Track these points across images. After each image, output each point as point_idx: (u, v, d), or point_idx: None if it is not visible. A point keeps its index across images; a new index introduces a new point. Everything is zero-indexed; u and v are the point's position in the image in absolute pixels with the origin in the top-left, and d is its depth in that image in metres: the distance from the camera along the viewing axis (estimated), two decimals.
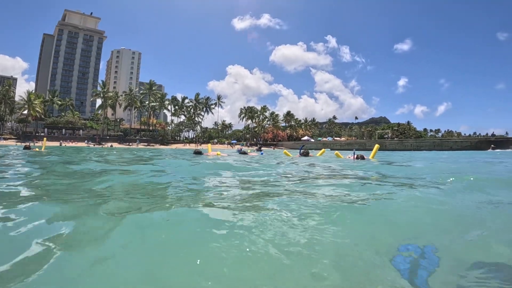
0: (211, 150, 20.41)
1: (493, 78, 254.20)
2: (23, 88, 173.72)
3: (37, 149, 18.50)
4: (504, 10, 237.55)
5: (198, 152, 18.82)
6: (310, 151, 19.86)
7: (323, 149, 19.47)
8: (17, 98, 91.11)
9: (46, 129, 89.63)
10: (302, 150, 18.30)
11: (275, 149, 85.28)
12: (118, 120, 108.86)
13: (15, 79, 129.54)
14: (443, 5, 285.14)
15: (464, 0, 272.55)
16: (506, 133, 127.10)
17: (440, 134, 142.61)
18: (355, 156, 14.45)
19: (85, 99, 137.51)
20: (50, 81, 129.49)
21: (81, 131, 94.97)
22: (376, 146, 16.32)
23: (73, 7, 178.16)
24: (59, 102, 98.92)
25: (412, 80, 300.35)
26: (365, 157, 14.61)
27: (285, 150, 20.21)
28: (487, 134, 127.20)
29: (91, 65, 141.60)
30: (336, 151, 18.48)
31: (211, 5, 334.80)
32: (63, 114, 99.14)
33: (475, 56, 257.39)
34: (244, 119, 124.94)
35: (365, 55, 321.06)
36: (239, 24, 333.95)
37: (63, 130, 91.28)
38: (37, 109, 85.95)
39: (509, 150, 51.71)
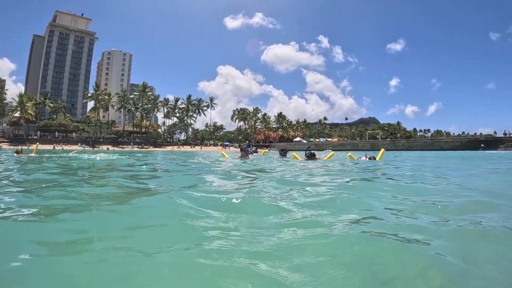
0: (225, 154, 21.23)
1: (484, 77, 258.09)
2: (11, 89, 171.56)
3: (15, 154, 18.78)
4: (496, 10, 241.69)
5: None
6: (318, 152, 20.28)
7: (332, 152, 19.87)
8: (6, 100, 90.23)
9: (38, 132, 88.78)
10: (307, 152, 17.36)
11: (270, 150, 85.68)
12: (110, 122, 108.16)
13: (4, 81, 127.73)
14: (437, 5, 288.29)
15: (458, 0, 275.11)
16: (495, 132, 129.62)
17: (429, 134, 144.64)
18: (368, 157, 15.55)
19: (76, 101, 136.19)
20: (40, 83, 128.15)
21: (74, 133, 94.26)
22: (382, 150, 17.84)
23: (63, 7, 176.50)
24: (51, 105, 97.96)
25: (404, 80, 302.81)
26: (375, 157, 16.08)
27: (293, 153, 20.56)
28: (475, 133, 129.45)
29: (82, 67, 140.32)
30: (349, 153, 19.23)
31: (203, 3, 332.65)
32: (54, 116, 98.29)
33: (467, 56, 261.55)
34: (237, 120, 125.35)
35: (358, 55, 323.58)
36: (231, 23, 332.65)
37: (56, 133, 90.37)
38: (29, 111, 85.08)
39: (498, 150, 53.06)
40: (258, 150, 34.03)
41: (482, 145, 60.96)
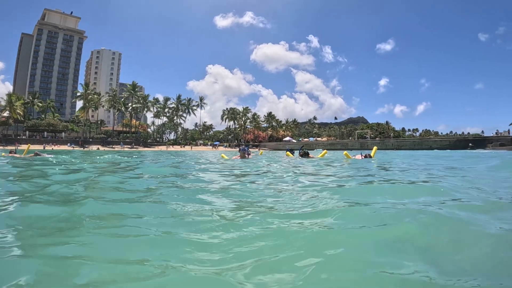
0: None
1: (472, 78, 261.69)
2: None
3: (3, 154, 18.85)
4: (485, 11, 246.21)
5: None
6: (310, 151, 20.82)
7: (325, 150, 20.63)
8: None
9: (27, 132, 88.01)
10: (301, 151, 19.06)
11: (260, 149, 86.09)
12: (99, 122, 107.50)
13: None
14: (427, 6, 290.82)
15: (448, 0, 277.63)
16: (482, 131, 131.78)
17: (418, 133, 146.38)
18: (363, 155, 16.64)
19: (65, 101, 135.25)
20: (29, 82, 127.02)
21: (63, 133, 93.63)
22: (375, 148, 18.89)
23: (52, 6, 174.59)
24: (40, 104, 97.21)
25: (393, 80, 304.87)
26: (371, 155, 17.30)
27: (287, 152, 21.50)
28: (463, 133, 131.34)
29: (71, 66, 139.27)
30: (345, 152, 19.91)
31: (194, 1, 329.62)
32: (43, 116, 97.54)
33: (456, 56, 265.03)
34: (226, 120, 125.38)
35: (348, 55, 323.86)
36: (221, 22, 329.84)
37: (45, 133, 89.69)
38: (18, 111, 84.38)
39: (487, 150, 53.89)
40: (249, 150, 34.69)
41: (470, 144, 60.58)
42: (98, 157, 20.23)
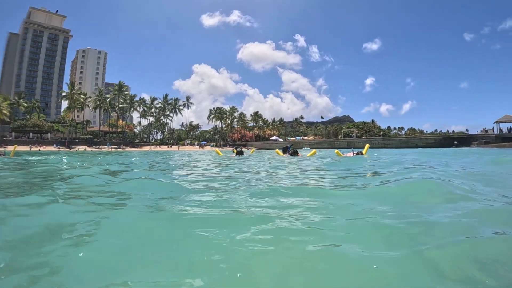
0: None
1: (458, 77, 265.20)
2: None
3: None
4: (471, 11, 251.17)
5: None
6: (298, 150, 21.71)
7: (314, 150, 21.50)
8: None
9: (13, 133, 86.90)
10: (290, 150, 19.97)
11: (248, 149, 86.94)
12: (85, 122, 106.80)
13: None
14: (414, 6, 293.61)
15: (435, 0, 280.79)
16: (467, 129, 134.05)
17: (403, 132, 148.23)
18: (355, 153, 17.21)
19: (50, 101, 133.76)
20: (15, 82, 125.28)
21: (48, 134, 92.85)
22: (367, 145, 19.75)
23: (37, 4, 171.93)
24: (25, 105, 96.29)
25: (380, 79, 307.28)
26: (363, 153, 18.08)
27: (277, 150, 22.38)
28: (447, 131, 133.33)
29: (56, 65, 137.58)
30: (337, 150, 20.43)
31: (181, 0, 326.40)
32: (28, 116, 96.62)
33: (442, 55, 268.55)
34: (214, 120, 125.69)
35: (334, 54, 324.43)
36: (208, 20, 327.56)
37: (30, 134, 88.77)
38: (4, 111, 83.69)
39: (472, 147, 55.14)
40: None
41: (455, 142, 61.83)
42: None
